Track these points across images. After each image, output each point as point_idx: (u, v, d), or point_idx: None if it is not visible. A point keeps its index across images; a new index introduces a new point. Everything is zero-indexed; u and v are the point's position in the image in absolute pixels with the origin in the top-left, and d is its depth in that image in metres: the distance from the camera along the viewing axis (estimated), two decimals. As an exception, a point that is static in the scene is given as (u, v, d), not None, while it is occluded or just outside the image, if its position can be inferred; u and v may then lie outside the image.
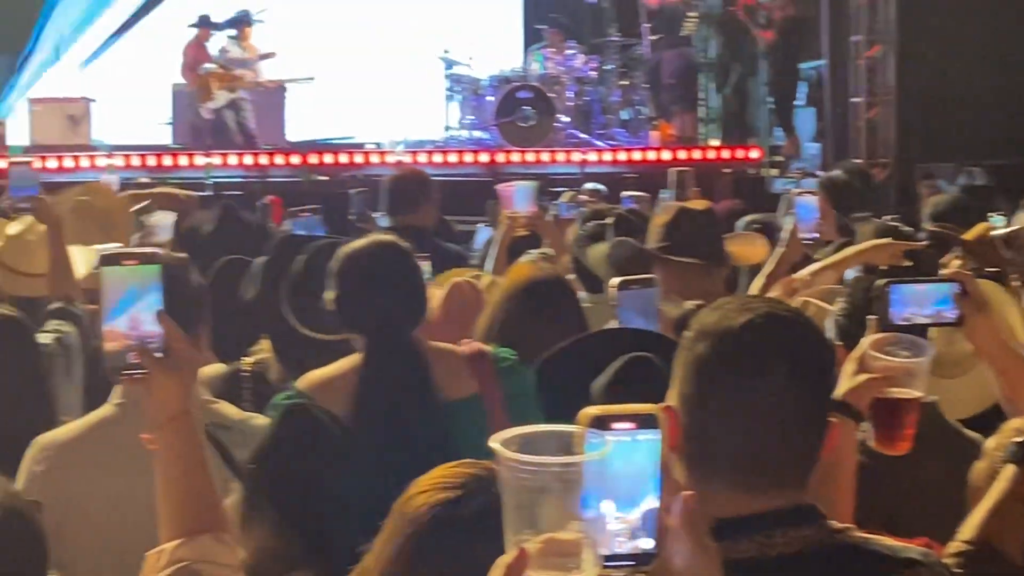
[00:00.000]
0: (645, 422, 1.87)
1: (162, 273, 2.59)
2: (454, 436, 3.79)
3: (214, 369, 4.49)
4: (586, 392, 3.09)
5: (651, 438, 1.87)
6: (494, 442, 1.82)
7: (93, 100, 18.26)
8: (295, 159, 16.93)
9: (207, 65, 17.50)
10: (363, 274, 4.02)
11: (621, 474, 1.85)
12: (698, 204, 6.13)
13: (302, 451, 2.99)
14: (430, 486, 2.31)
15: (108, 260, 2.60)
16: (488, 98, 17.90)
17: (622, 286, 4.07)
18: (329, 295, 4.06)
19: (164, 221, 6.96)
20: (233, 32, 17.87)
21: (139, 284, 2.58)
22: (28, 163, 6.26)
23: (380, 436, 3.74)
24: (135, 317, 2.57)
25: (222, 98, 17.36)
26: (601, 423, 1.85)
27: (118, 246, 6.50)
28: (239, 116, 17.56)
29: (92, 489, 3.25)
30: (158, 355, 2.58)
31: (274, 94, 18.37)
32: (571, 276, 5.61)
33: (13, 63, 19.03)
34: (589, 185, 12.30)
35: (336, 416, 3.07)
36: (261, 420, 3.77)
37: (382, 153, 17.54)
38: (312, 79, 18.45)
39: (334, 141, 18.61)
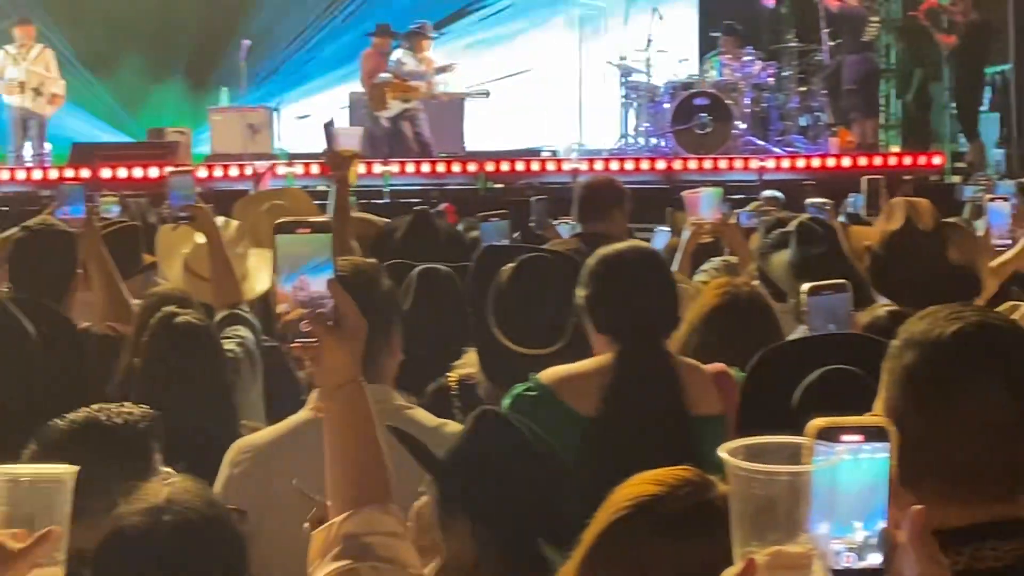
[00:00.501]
0: (874, 435, 1.83)
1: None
2: (699, 452, 3.72)
3: None
4: (787, 402, 3.01)
5: (880, 450, 1.83)
6: (722, 451, 1.81)
7: (275, 109, 18.51)
8: (471, 167, 17.00)
9: (383, 75, 17.64)
10: (623, 278, 4.03)
11: (850, 487, 1.80)
12: (925, 213, 5.37)
13: (496, 456, 2.93)
14: (640, 480, 2.29)
15: (282, 228, 2.65)
16: (664, 105, 17.80)
17: (813, 291, 3.99)
18: (580, 294, 4.05)
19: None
20: (408, 44, 17.98)
21: (311, 253, 2.61)
22: (189, 172, 6.32)
23: (626, 441, 3.72)
24: (307, 286, 2.60)
25: (395, 107, 17.48)
26: (830, 435, 1.80)
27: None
28: (415, 125, 17.66)
29: (289, 492, 3.24)
30: (329, 323, 2.59)
31: (453, 104, 18.47)
32: (756, 283, 5.51)
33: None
34: (767, 193, 12.18)
35: (535, 428, 3.00)
36: (454, 427, 3.74)
37: (559, 161, 17.55)
38: (487, 94, 18.52)
39: (512, 151, 18.62)
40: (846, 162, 17.00)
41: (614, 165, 17.03)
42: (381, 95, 17.59)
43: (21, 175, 16.67)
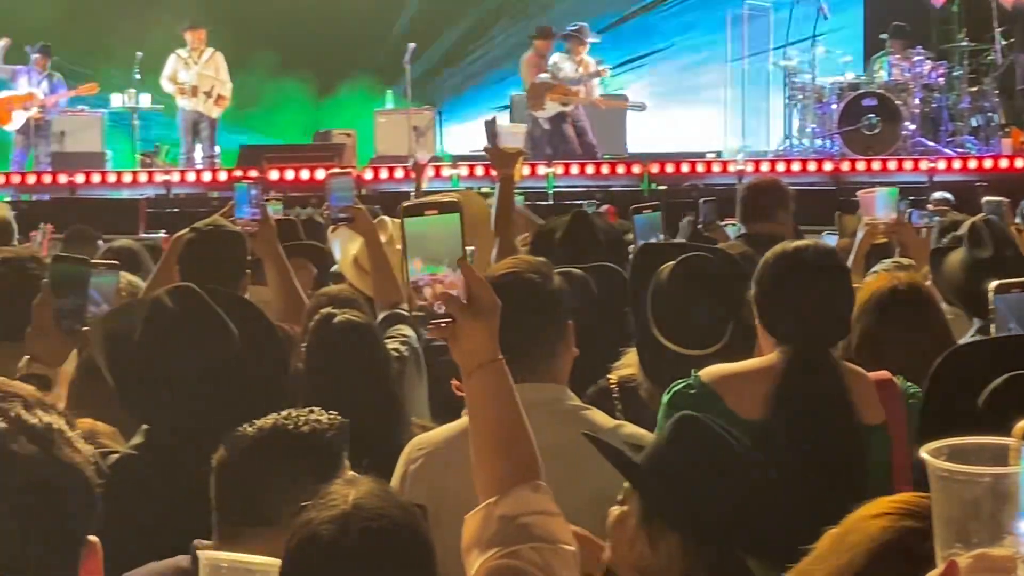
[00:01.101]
0: None
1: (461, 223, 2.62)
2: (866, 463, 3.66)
3: None
4: (972, 404, 2.91)
5: None
6: (924, 452, 1.74)
7: (439, 111, 18.61)
8: (635, 168, 16.95)
9: (542, 76, 17.65)
10: (800, 279, 3.90)
11: None
12: None
13: (700, 465, 2.85)
14: (893, 510, 2.16)
15: (410, 211, 2.65)
16: (831, 106, 17.57)
17: (1000, 290, 3.82)
18: (752, 291, 3.97)
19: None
20: (566, 47, 17.96)
21: (441, 234, 2.61)
22: (348, 173, 6.33)
23: (791, 448, 3.64)
24: (437, 264, 2.61)
25: (552, 108, 17.48)
26: None
27: (470, 250, 6.56)
28: (577, 127, 17.65)
29: (465, 487, 3.22)
30: (463, 303, 2.59)
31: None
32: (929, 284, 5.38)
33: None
34: (937, 195, 11.95)
35: (736, 434, 2.92)
36: (630, 428, 3.70)
37: (724, 163, 17.43)
38: (643, 107, 18.43)
39: (676, 153, 18.53)
40: (1020, 163, 16.65)
41: (780, 166, 16.84)
42: (540, 96, 17.60)
43: (191, 177, 16.97)
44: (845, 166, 16.87)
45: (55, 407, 1.88)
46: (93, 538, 1.87)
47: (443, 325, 2.60)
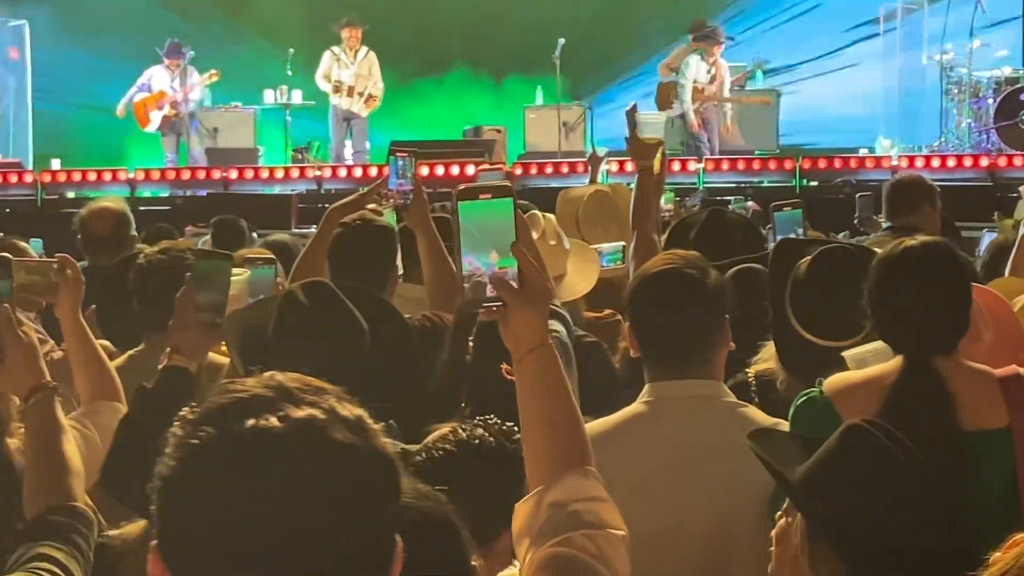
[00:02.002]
0: None
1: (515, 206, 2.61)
2: (978, 470, 3.51)
3: None
4: None
5: None
6: None
7: (589, 107, 18.59)
8: (787, 164, 16.81)
9: (673, 75, 17.61)
10: (901, 283, 3.73)
11: None
12: None
13: (865, 478, 2.76)
14: None
15: (464, 195, 2.64)
16: (988, 101, 17.25)
17: None
18: (867, 294, 3.84)
19: None
20: (701, 47, 17.87)
21: (495, 218, 2.60)
22: (499, 168, 6.31)
23: None
24: (495, 251, 2.59)
25: (677, 109, 17.41)
26: None
27: (619, 245, 6.53)
28: (706, 126, 17.58)
29: (621, 480, 3.22)
30: (515, 287, 2.57)
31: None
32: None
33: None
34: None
35: (907, 443, 2.81)
36: (787, 426, 3.65)
37: (878, 158, 17.21)
38: (768, 103, 18.21)
39: (828, 148, 18.33)
40: None
41: (935, 162, 16.58)
42: (667, 94, 17.56)
43: (343, 173, 17.12)
44: (1002, 161, 16.55)
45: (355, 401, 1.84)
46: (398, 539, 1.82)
47: (494, 309, 2.59)
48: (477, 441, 3.09)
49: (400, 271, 5.63)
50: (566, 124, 18.18)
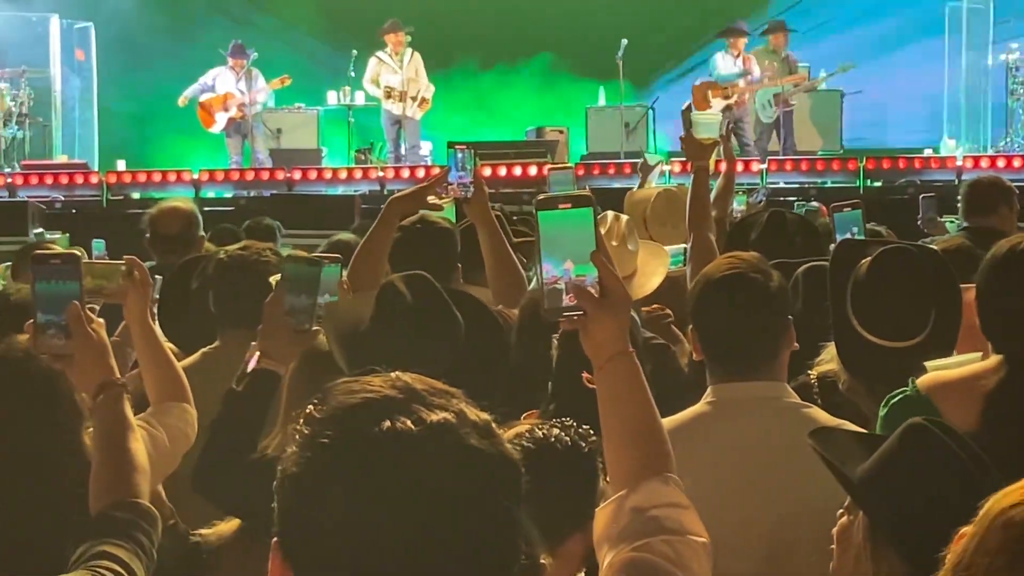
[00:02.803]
0: None
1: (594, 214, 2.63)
2: None
3: None
4: None
5: None
6: None
7: (651, 107, 18.55)
8: (850, 165, 16.74)
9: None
10: (1013, 281, 3.66)
11: None
12: None
13: (928, 479, 2.75)
14: None
15: (544, 204, 2.66)
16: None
17: None
18: (970, 293, 3.80)
19: None
20: (727, 43, 17.87)
21: (574, 227, 2.62)
22: (569, 168, 6.32)
23: (1003, 462, 3.47)
24: (571, 259, 2.61)
25: (717, 106, 17.44)
26: None
27: (681, 247, 6.51)
28: (737, 126, 17.58)
29: (685, 480, 3.21)
30: (595, 296, 2.59)
31: (830, 99, 18.20)
32: None
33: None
34: None
35: (964, 438, 2.79)
36: (852, 427, 3.63)
37: (942, 159, 17.09)
38: (804, 79, 18.11)
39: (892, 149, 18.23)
40: None
41: (1000, 163, 16.45)
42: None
43: (406, 173, 17.17)
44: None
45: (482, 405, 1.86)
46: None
47: (575, 318, 2.61)
48: (553, 440, 3.10)
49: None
50: (628, 124, 18.16)
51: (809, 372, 4.50)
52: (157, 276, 5.00)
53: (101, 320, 3.31)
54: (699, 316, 4.02)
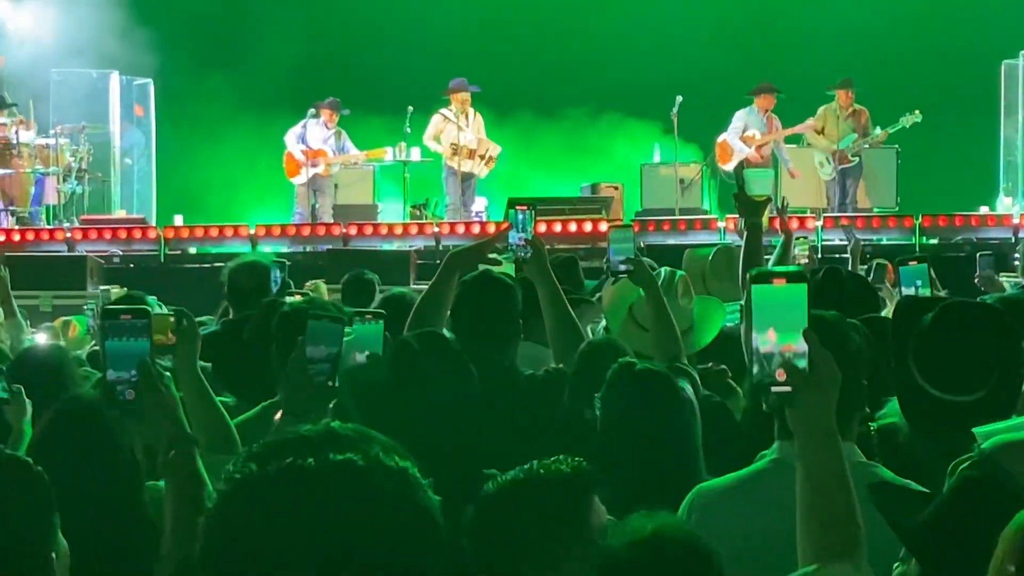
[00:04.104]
0: None
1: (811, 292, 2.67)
2: None
3: None
4: None
5: None
6: None
7: (706, 165, 18.56)
8: (906, 222, 16.68)
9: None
10: None
11: None
12: None
13: (981, 529, 2.75)
14: None
15: (758, 279, 2.70)
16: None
17: None
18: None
19: None
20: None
21: (786, 302, 2.66)
22: (629, 227, 6.34)
23: None
24: (780, 333, 2.66)
25: (735, 160, 17.60)
26: None
27: (738, 304, 6.50)
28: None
29: (749, 535, 3.22)
30: (805, 373, 2.64)
31: (887, 156, 18.16)
32: None
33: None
34: None
35: (1016, 484, 2.81)
36: (916, 487, 3.62)
37: (999, 216, 17.01)
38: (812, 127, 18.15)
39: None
40: None
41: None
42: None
43: (461, 229, 17.22)
44: None
45: (409, 456, 1.89)
46: None
47: (782, 393, 2.66)
48: (550, 471, 3.11)
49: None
50: (683, 181, 18.17)
51: (870, 424, 4.49)
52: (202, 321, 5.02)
53: (168, 375, 3.34)
54: None
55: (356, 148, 18.67)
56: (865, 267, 10.02)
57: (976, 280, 8.67)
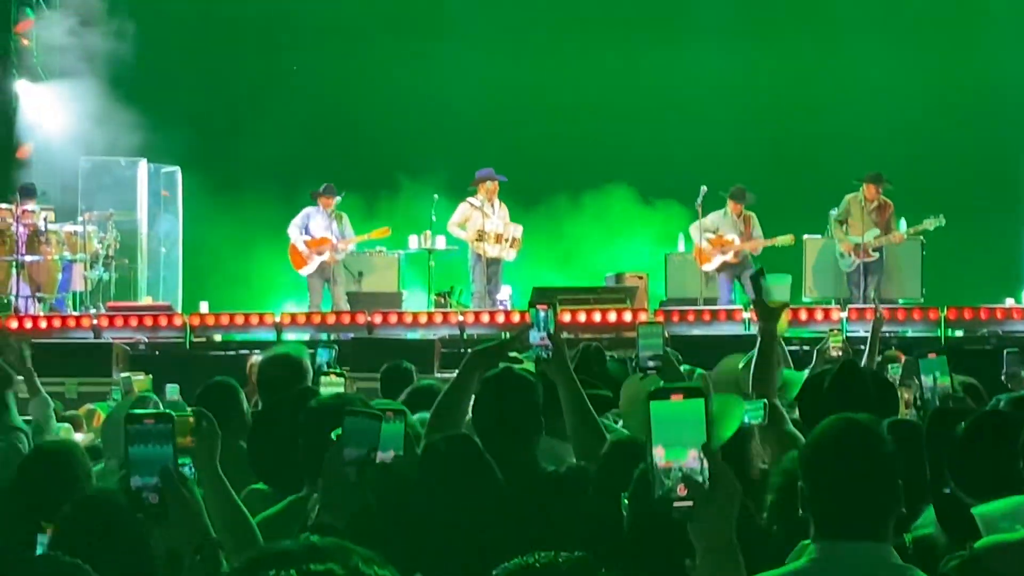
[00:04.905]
0: None
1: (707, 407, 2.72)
2: None
3: None
4: None
5: None
6: None
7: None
8: (931, 314, 16.65)
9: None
10: None
11: None
12: None
13: None
14: None
15: (656, 395, 2.75)
16: None
17: None
18: None
19: None
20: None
21: (685, 417, 2.71)
22: (659, 323, 6.34)
23: None
24: (678, 448, 2.71)
25: (716, 261, 18.02)
26: None
27: (760, 403, 6.49)
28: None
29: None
30: (704, 488, 2.68)
31: (912, 247, 18.15)
32: None
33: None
34: None
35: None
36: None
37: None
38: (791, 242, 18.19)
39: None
40: None
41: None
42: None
43: (485, 318, 17.25)
44: None
45: (389, 566, 1.94)
46: None
47: (684, 508, 2.70)
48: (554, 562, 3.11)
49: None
50: (707, 273, 18.19)
51: (904, 535, 4.45)
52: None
53: (191, 477, 3.35)
54: (811, 474, 4.00)
55: (353, 231, 18.69)
56: (879, 357, 10.00)
57: (1003, 377, 8.65)
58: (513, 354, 5.63)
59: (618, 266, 19.66)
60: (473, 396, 5.50)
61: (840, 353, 9.45)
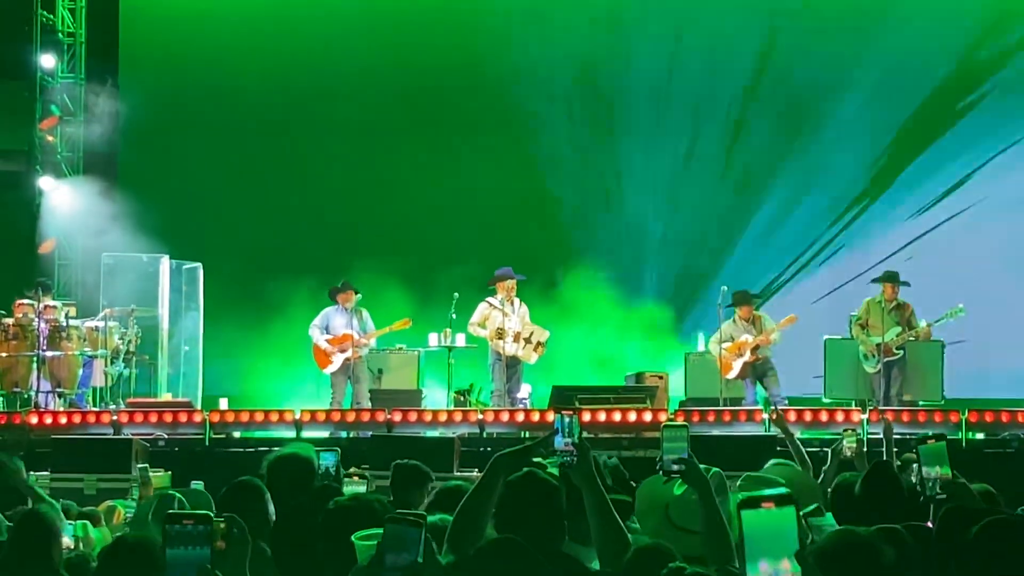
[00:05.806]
0: None
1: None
2: None
3: None
4: None
5: None
6: None
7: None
8: (952, 416, 16.57)
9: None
10: None
11: None
12: None
13: None
14: None
15: (747, 504, 2.78)
16: None
17: None
18: None
19: None
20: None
21: (777, 529, 2.74)
22: (684, 426, 6.32)
23: None
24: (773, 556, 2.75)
25: (737, 364, 18.06)
26: None
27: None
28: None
29: None
30: None
31: (932, 349, 18.11)
32: None
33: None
34: None
35: None
36: None
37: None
38: (770, 342, 18.17)
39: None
40: None
41: None
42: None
43: (505, 417, 17.21)
44: None
45: None
46: None
47: None
48: None
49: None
50: (726, 381, 18.21)
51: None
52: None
53: None
54: None
55: (374, 325, 18.75)
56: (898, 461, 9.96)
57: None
58: (538, 460, 5.62)
59: (638, 366, 19.65)
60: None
61: (851, 453, 9.45)
